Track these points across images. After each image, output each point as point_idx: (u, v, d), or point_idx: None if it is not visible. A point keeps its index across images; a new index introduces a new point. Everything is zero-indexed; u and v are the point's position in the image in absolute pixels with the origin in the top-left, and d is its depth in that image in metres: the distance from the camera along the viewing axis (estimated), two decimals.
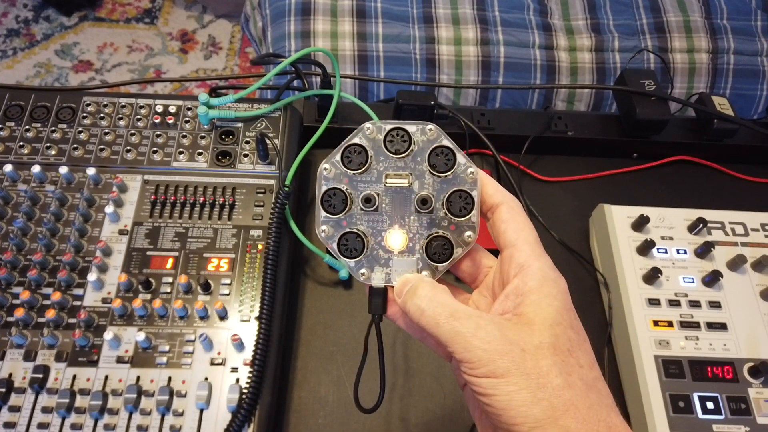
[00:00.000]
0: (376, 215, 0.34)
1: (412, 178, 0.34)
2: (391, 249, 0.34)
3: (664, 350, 0.54)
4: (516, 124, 0.72)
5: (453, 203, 0.33)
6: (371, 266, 0.34)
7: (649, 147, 0.72)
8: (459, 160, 0.33)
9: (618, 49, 1.23)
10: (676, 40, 1.24)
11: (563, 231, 0.67)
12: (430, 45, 1.22)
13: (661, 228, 0.61)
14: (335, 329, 0.59)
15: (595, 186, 0.71)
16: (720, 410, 0.52)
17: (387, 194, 0.34)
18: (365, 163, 0.33)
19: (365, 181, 0.34)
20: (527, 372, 0.27)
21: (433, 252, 0.33)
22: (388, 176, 0.34)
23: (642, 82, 0.70)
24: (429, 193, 0.33)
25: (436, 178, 0.34)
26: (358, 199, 0.34)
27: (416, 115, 0.68)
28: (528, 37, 1.25)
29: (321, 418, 0.54)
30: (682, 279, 0.58)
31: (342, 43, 1.21)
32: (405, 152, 0.33)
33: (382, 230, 0.34)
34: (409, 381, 0.57)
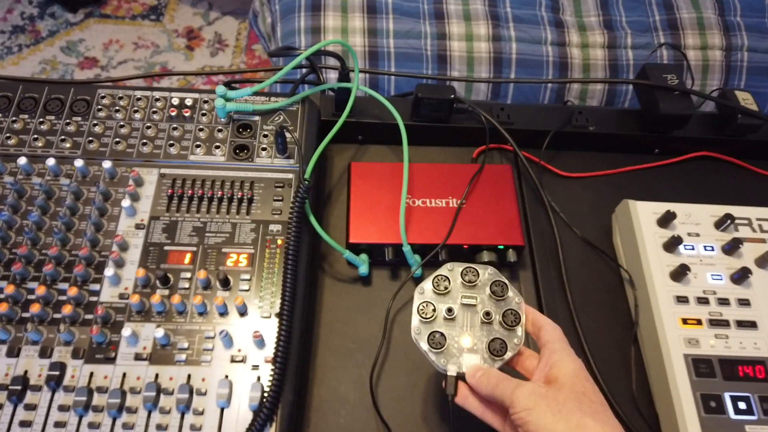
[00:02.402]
0: (453, 323, 0.47)
1: (479, 299, 0.48)
2: (462, 347, 0.46)
3: (694, 349, 0.53)
4: (536, 118, 0.71)
5: (506, 317, 0.47)
6: (447, 359, 0.46)
7: (671, 142, 0.71)
8: (510, 291, 0.48)
9: (631, 46, 1.22)
10: (689, 37, 1.23)
11: (585, 228, 0.65)
12: (441, 41, 1.21)
13: (688, 224, 0.60)
14: (354, 326, 0.58)
15: (616, 182, 0.70)
16: (752, 410, 0.50)
17: (461, 310, 0.47)
18: (448, 287, 0.48)
19: (446, 300, 0.48)
20: (550, 404, 0.40)
21: (493, 349, 0.46)
22: (463, 296, 0.48)
23: (665, 77, 0.68)
24: (490, 309, 0.47)
25: (494, 301, 0.48)
26: (442, 311, 0.47)
27: (435, 109, 0.67)
28: (540, 34, 1.24)
29: (341, 417, 0.53)
30: (710, 276, 0.57)
31: (352, 38, 1.20)
32: (474, 282, 0.48)
33: (456, 335, 0.47)
34: (431, 381, 0.56)
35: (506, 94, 1.19)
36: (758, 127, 0.69)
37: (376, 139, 0.71)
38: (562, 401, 0.39)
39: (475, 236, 0.59)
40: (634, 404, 0.55)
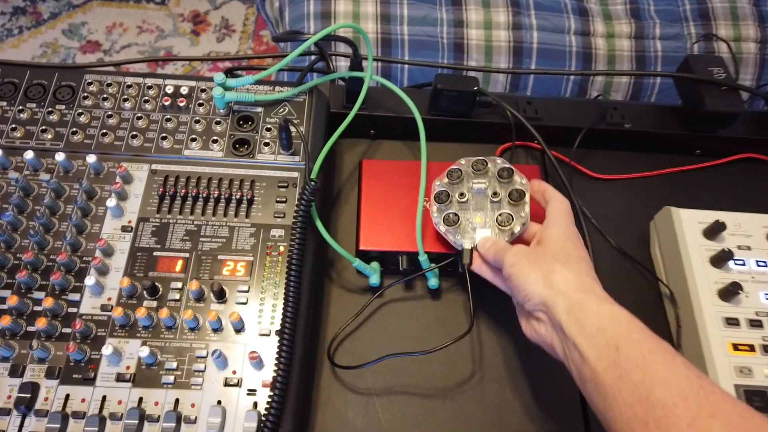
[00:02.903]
0: (466, 205, 0.52)
1: (488, 184, 0.52)
2: (475, 225, 0.51)
3: (746, 379, 0.47)
4: (566, 114, 0.65)
5: (512, 195, 0.51)
6: (462, 236, 0.51)
7: (714, 143, 0.65)
8: (515, 175, 0.52)
9: (659, 37, 1.15)
10: (722, 28, 1.16)
11: (619, 236, 0.59)
12: (458, 29, 1.14)
13: (737, 236, 0.54)
14: (364, 342, 0.53)
15: (653, 185, 0.64)
16: None
17: (473, 195, 0.52)
18: (461, 176, 0.52)
19: (459, 187, 0.53)
20: (529, 258, 0.45)
21: (501, 221, 0.50)
22: (474, 183, 0.52)
23: (710, 70, 0.62)
24: (498, 190, 0.52)
25: (501, 183, 0.52)
26: (456, 196, 0.52)
27: (456, 102, 0.61)
28: (563, 22, 1.17)
29: None
30: (764, 296, 0.51)
31: (364, 24, 1.13)
32: (483, 170, 0.52)
33: (469, 216, 0.51)
34: (446, 405, 0.50)
35: (526, 86, 1.13)
36: None
37: (390, 134, 0.65)
38: (539, 254, 0.44)
39: None
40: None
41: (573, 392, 0.50)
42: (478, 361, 0.52)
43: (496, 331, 0.54)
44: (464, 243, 0.51)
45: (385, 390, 0.50)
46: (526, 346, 0.52)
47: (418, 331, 0.53)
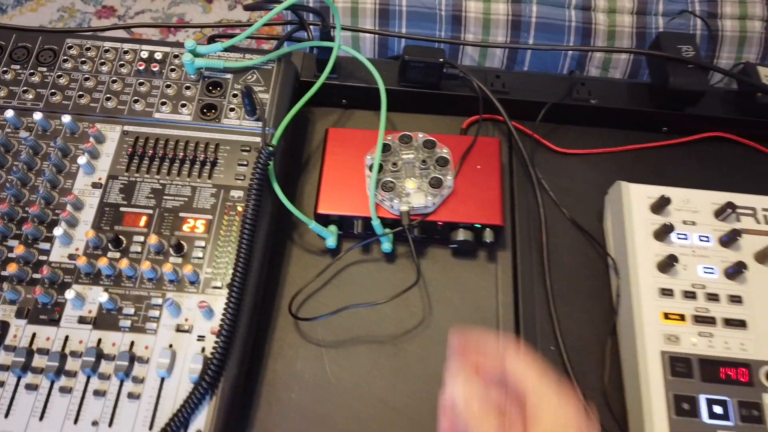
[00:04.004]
0: (399, 173, 0.57)
1: (415, 155, 0.58)
2: (409, 189, 0.55)
3: (673, 346, 0.49)
4: (534, 88, 0.66)
5: (438, 161, 0.57)
6: (399, 200, 0.55)
7: (681, 120, 0.65)
8: (437, 146, 0.58)
9: (662, 13, 1.13)
10: (728, 5, 1.14)
11: (577, 209, 0.61)
12: (456, 1, 1.15)
13: (684, 211, 0.55)
14: (319, 300, 0.56)
15: (619, 161, 0.65)
16: (729, 416, 0.47)
17: (403, 164, 0.57)
18: (390, 150, 0.58)
19: (390, 158, 0.58)
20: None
21: (432, 184, 0.55)
22: (403, 153, 0.58)
23: (679, 47, 0.62)
24: (425, 158, 0.57)
25: (427, 153, 0.58)
26: (389, 166, 0.57)
27: (423, 73, 0.63)
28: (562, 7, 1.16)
29: (294, 392, 0.51)
30: (702, 269, 0.52)
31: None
32: (410, 142, 0.58)
33: (402, 183, 0.56)
34: (392, 361, 0.53)
35: (523, 61, 1.13)
36: None
37: (361, 103, 0.67)
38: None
39: (452, 213, 0.56)
40: (605, 399, 0.51)
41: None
42: (423, 316, 0.55)
43: (441, 286, 0.56)
44: (401, 207, 0.54)
45: (335, 343, 0.54)
46: (468, 301, 0.56)
47: (372, 291, 0.56)
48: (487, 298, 0.56)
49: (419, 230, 0.56)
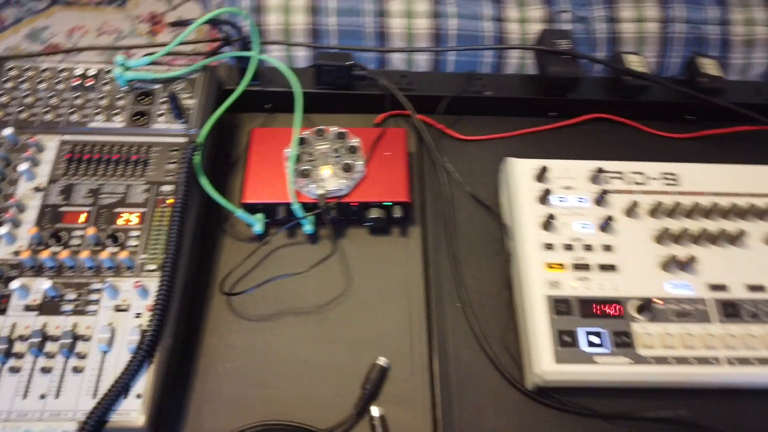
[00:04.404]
0: (315, 162, 0.63)
1: (329, 146, 0.65)
2: (324, 175, 0.63)
3: (555, 290, 0.57)
4: (436, 85, 0.74)
5: (350, 149, 0.64)
6: (315, 185, 0.62)
7: (565, 105, 0.74)
8: (348, 136, 0.65)
9: (569, 21, 1.24)
10: (626, 10, 1.26)
11: (478, 186, 0.69)
12: (381, 18, 1.24)
13: (564, 178, 0.63)
14: (249, 281, 0.62)
15: (513, 144, 0.73)
16: (604, 344, 0.54)
17: (319, 154, 0.64)
18: (306, 141, 0.65)
19: (306, 150, 0.65)
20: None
21: (345, 169, 0.62)
22: (317, 145, 0.65)
23: (555, 42, 0.72)
24: (338, 147, 0.64)
25: (339, 142, 0.65)
26: (305, 157, 0.64)
27: (335, 75, 0.70)
28: (479, 9, 1.26)
29: (229, 362, 0.57)
30: (580, 225, 0.61)
31: (294, 17, 1.22)
32: (323, 135, 0.65)
33: (318, 170, 0.63)
34: (317, 327, 0.59)
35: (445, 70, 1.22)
36: (645, 89, 0.72)
37: (284, 107, 0.73)
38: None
39: (364, 194, 0.63)
40: (503, 344, 0.59)
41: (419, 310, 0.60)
42: (344, 287, 0.62)
43: (360, 260, 0.63)
44: (317, 191, 0.61)
45: (266, 317, 0.60)
46: (384, 271, 0.62)
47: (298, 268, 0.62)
48: (401, 267, 0.63)
49: (337, 212, 0.63)
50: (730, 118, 0.73)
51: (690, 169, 0.65)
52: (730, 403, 0.56)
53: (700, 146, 0.73)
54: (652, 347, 0.55)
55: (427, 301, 0.61)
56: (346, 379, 0.56)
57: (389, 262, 0.64)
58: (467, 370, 0.57)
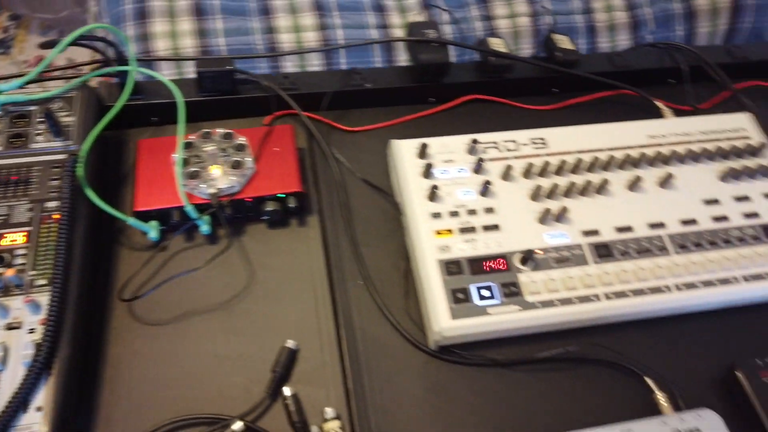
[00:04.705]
0: (203, 163, 0.65)
1: (216, 146, 0.66)
2: (214, 174, 0.64)
3: (445, 254, 0.61)
4: (319, 83, 0.77)
5: (237, 148, 0.67)
6: (206, 185, 0.63)
7: (442, 90, 0.79)
8: (235, 136, 0.67)
9: (448, 22, 1.32)
10: (499, 8, 1.35)
11: (370, 172, 0.72)
12: (270, 35, 1.26)
13: (443, 153, 0.68)
14: (195, 284, 0.62)
15: (399, 131, 0.77)
16: (494, 296, 0.58)
17: (207, 155, 0.66)
18: (193, 145, 0.66)
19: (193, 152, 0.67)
20: None
21: (233, 166, 0.64)
22: (203, 147, 0.66)
23: (423, 32, 0.77)
24: (225, 146, 0.66)
25: (227, 142, 0.67)
26: (193, 159, 0.65)
27: (217, 81, 0.72)
28: (363, 19, 1.31)
29: (136, 368, 0.57)
30: (462, 193, 0.65)
31: (183, 41, 1.23)
32: (210, 137, 0.67)
33: (207, 170, 0.64)
34: (224, 322, 0.60)
35: None
36: (508, 67, 0.79)
37: (172, 118, 0.74)
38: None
39: (257, 189, 0.65)
40: (406, 312, 0.62)
41: (323, 292, 0.62)
42: (247, 281, 0.63)
43: (261, 254, 0.65)
44: (209, 190, 0.63)
45: (171, 319, 0.60)
46: (286, 261, 0.64)
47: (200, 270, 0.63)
48: (302, 255, 0.65)
49: (232, 210, 0.64)
50: (589, 87, 0.81)
51: (555, 133, 0.71)
52: (613, 335, 0.61)
53: (566, 114, 0.80)
54: (538, 293, 0.59)
55: (330, 283, 0.64)
56: (258, 367, 0.57)
57: (290, 251, 0.66)
58: (374, 341, 0.60)
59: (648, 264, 0.62)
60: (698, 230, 0.65)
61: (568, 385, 0.59)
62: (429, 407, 0.56)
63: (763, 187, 0.69)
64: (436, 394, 0.57)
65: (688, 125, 0.73)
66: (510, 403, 0.57)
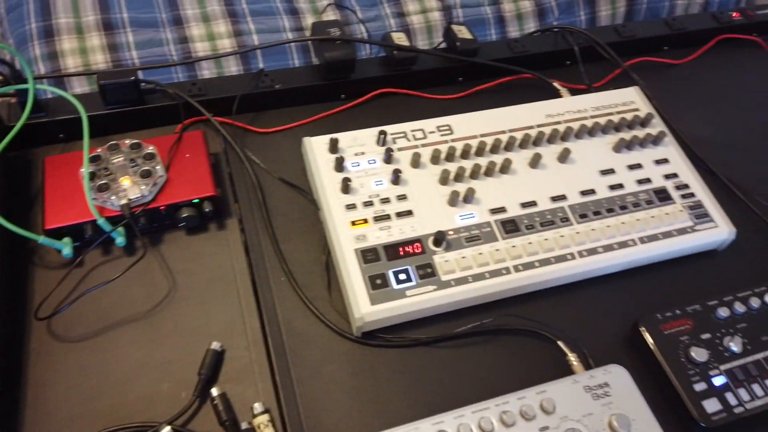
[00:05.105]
0: (113, 176, 0.65)
1: (124, 157, 0.66)
2: (124, 186, 0.64)
3: (362, 243, 0.63)
4: (227, 87, 0.78)
5: (146, 157, 0.66)
6: (117, 197, 0.63)
7: (352, 87, 0.82)
8: (143, 146, 0.67)
9: (363, 20, 1.34)
10: (410, 4, 1.38)
11: (287, 171, 0.73)
12: (183, 45, 1.25)
13: (354, 146, 0.70)
14: (115, 296, 0.62)
15: (314, 129, 0.79)
16: (411, 278, 0.61)
17: (115, 167, 0.65)
18: (100, 158, 0.66)
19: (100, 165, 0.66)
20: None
21: (142, 175, 0.64)
22: (112, 159, 0.66)
23: (327, 30, 0.79)
24: (134, 156, 0.66)
25: (135, 152, 0.67)
26: (102, 172, 0.65)
27: (121, 93, 0.72)
28: (278, 23, 1.32)
29: (59, 385, 0.56)
30: (374, 183, 0.67)
31: (94, 57, 1.20)
32: (117, 148, 0.67)
33: (117, 182, 0.64)
34: (147, 330, 0.60)
35: None
36: (412, 59, 0.81)
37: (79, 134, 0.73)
38: None
39: (170, 196, 0.65)
40: (330, 303, 0.63)
41: (247, 292, 0.63)
42: (168, 288, 0.63)
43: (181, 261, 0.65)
44: (120, 201, 0.63)
45: (93, 333, 0.59)
46: (207, 265, 0.65)
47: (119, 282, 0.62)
48: (224, 257, 0.66)
49: (147, 219, 0.64)
50: (492, 74, 0.85)
51: (459, 119, 0.74)
52: (526, 305, 0.65)
53: (471, 101, 0.83)
54: (452, 272, 0.62)
55: (253, 282, 0.65)
56: (185, 372, 0.58)
57: (211, 255, 0.66)
58: (299, 334, 0.61)
59: (552, 235, 0.66)
60: (597, 199, 0.69)
61: (487, 356, 0.62)
62: (356, 392, 0.58)
63: (653, 154, 0.74)
64: (363, 378, 0.59)
65: (582, 102, 0.78)
66: (434, 378, 0.60)
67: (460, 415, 0.53)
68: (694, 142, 0.79)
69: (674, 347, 0.60)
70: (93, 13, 1.23)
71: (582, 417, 0.54)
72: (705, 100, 0.88)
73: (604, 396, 0.56)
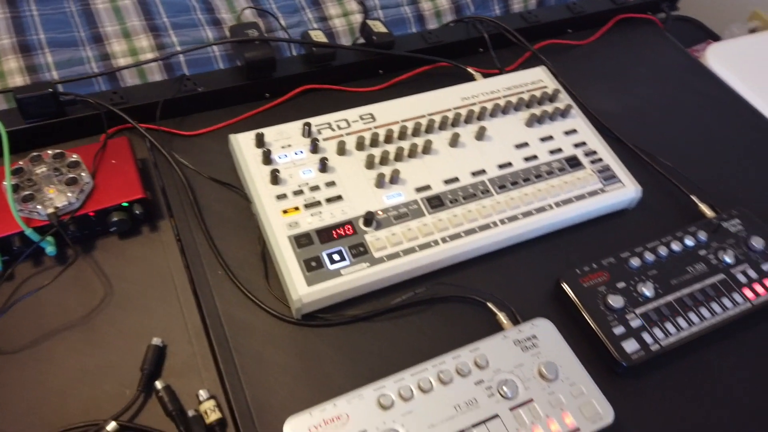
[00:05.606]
0: (37, 186, 0.64)
1: (46, 167, 0.66)
2: (50, 195, 0.63)
3: (295, 229, 0.65)
4: (149, 93, 0.79)
5: (70, 165, 0.67)
6: (42, 207, 0.62)
7: (275, 85, 0.84)
8: (68, 154, 0.67)
9: (286, 27, 1.37)
10: (331, 8, 1.41)
11: (218, 171, 0.74)
12: (106, 61, 1.24)
13: (280, 140, 0.72)
14: (50, 305, 0.61)
15: (241, 128, 0.79)
16: (345, 258, 0.63)
17: (39, 177, 0.65)
18: (23, 171, 0.66)
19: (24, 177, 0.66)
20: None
21: (68, 183, 0.64)
22: (36, 171, 0.66)
23: (245, 32, 0.81)
24: (57, 166, 0.66)
25: (59, 161, 0.67)
26: (26, 184, 0.64)
27: (40, 106, 0.71)
28: (201, 34, 1.32)
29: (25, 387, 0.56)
30: (303, 172, 0.70)
31: (12, 80, 1.17)
32: (40, 159, 0.67)
33: (43, 193, 0.64)
34: (85, 335, 0.60)
35: None
36: (331, 55, 0.84)
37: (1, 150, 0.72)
38: None
39: (98, 202, 0.65)
40: (268, 290, 0.65)
41: (185, 288, 0.64)
42: (105, 292, 0.63)
43: (116, 265, 0.66)
44: (47, 210, 0.62)
45: (28, 344, 0.59)
46: (143, 267, 0.65)
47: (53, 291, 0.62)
48: (159, 257, 0.67)
49: (77, 227, 0.64)
50: (411, 64, 0.89)
51: (381, 107, 0.78)
52: (456, 274, 0.69)
53: (393, 92, 0.87)
54: (384, 248, 0.65)
55: (190, 279, 0.66)
56: (128, 372, 0.58)
57: (146, 257, 0.67)
58: (240, 323, 0.63)
59: (475, 206, 0.70)
60: (513, 171, 0.74)
61: (423, 324, 0.65)
62: (300, 372, 0.60)
63: (562, 126, 0.80)
64: (306, 358, 0.61)
65: (494, 84, 0.83)
66: (374, 351, 0.62)
67: (400, 379, 0.56)
68: (599, 114, 0.86)
69: (593, 297, 0.64)
70: (8, 37, 1.20)
71: (514, 368, 0.58)
72: (607, 76, 0.95)
73: (533, 347, 0.60)
